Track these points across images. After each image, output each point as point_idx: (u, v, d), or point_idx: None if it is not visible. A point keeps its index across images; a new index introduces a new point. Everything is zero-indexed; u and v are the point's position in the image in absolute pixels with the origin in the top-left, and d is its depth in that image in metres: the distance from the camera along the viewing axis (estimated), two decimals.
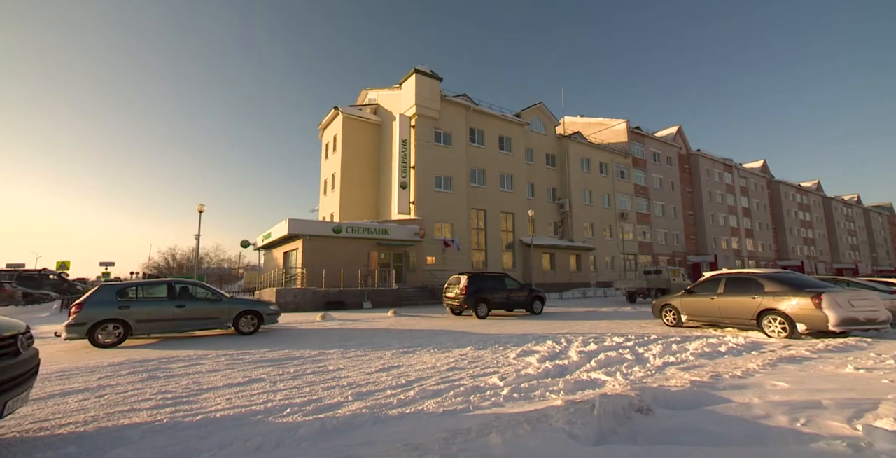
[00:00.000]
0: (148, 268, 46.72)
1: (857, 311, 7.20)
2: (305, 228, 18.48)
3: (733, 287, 8.61)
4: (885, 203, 74.38)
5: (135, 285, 8.27)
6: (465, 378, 4.85)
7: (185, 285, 8.75)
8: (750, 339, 7.40)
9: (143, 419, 3.52)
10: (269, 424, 3.36)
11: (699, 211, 41.85)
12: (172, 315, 8.12)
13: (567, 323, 10.73)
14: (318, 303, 16.43)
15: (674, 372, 4.97)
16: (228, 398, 4.13)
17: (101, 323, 7.44)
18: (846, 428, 2.72)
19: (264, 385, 4.64)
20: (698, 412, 3.17)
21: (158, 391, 4.39)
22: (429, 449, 2.55)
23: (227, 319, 8.68)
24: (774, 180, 53.26)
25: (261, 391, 4.41)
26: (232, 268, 51.55)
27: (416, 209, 22.22)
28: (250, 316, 8.98)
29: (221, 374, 5.22)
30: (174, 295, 8.37)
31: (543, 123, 31.15)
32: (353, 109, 27.55)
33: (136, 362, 5.92)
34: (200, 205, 16.53)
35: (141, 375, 5.17)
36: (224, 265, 52.36)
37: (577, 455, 2.36)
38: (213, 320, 8.58)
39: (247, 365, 5.75)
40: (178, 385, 4.66)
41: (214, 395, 4.27)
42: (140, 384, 4.72)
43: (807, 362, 5.44)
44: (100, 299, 7.66)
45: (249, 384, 4.70)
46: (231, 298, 9.07)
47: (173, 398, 4.13)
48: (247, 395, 4.25)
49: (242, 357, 6.31)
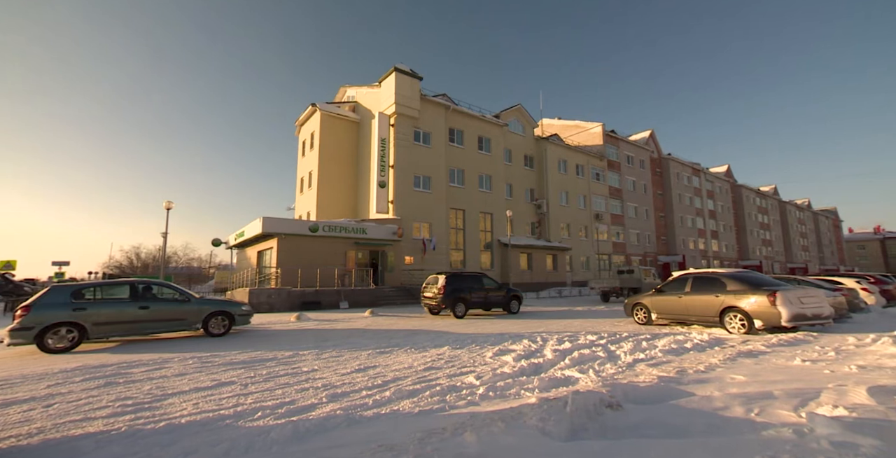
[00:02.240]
0: (109, 268, 44.28)
1: (806, 307, 7.73)
2: (280, 226, 18.04)
3: (699, 286, 9.00)
4: (831, 207, 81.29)
5: (92, 286, 7.84)
6: (441, 378, 4.87)
7: (149, 285, 8.38)
8: (713, 335, 7.77)
9: (97, 428, 3.29)
10: (238, 428, 3.26)
11: (669, 213, 43.50)
12: (135, 317, 7.74)
13: (543, 322, 10.93)
14: (293, 303, 16.07)
15: (643, 368, 5.16)
16: (195, 403, 3.97)
17: (53, 327, 6.99)
18: (793, 416, 2.95)
19: (234, 388, 4.50)
20: (664, 406, 3.30)
21: (117, 398, 4.15)
22: (403, 450, 2.55)
23: (195, 320, 8.39)
24: (737, 184, 55.98)
25: (230, 394, 4.27)
26: (202, 267, 49.74)
27: (394, 209, 22.08)
28: (221, 317, 8.70)
29: (188, 378, 5.02)
30: (137, 296, 7.98)
31: (522, 124, 31.58)
32: (331, 107, 27.07)
33: (92, 368, 5.56)
34: (168, 202, 15.68)
35: (97, 381, 4.86)
36: (194, 265, 50.50)
37: (549, 451, 2.41)
38: (181, 322, 8.27)
39: (216, 368, 5.56)
40: (140, 391, 4.43)
41: (180, 400, 4.09)
42: (96, 391, 4.43)
43: (762, 355, 5.82)
44: (51, 301, 7.20)
45: (218, 388, 4.54)
46: (200, 298, 8.76)
47: (133, 405, 3.92)
48: (215, 399, 4.11)
49: (212, 360, 6.10)
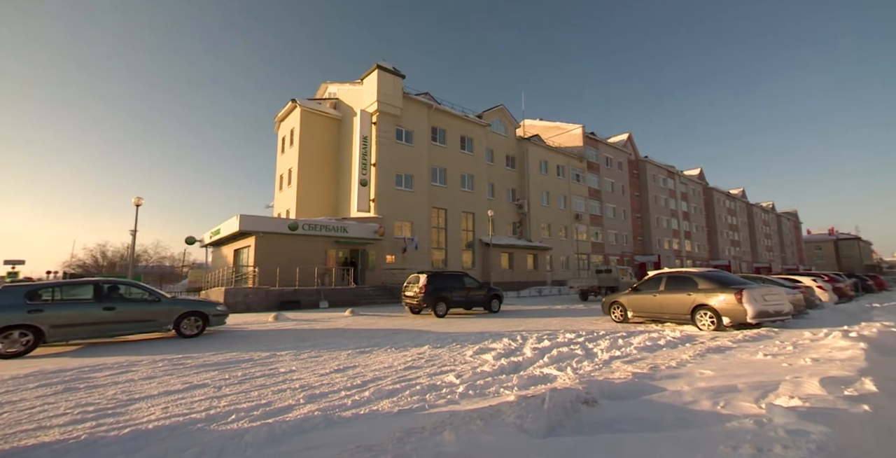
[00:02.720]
0: (71, 267, 41.87)
1: (769, 305, 8.15)
2: (258, 224, 17.60)
3: (672, 285, 9.31)
4: (792, 210, 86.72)
5: (51, 286, 7.43)
6: (421, 377, 4.86)
7: (115, 284, 8.02)
8: (685, 332, 8.05)
9: (53, 437, 3.09)
10: (210, 432, 3.16)
11: (646, 214, 44.78)
12: (99, 319, 7.37)
13: (523, 321, 11.06)
14: (270, 303, 15.70)
15: (619, 365, 5.29)
16: (164, 407, 3.82)
17: (4, 330, 6.58)
18: (754, 407, 3.12)
19: (207, 391, 4.36)
20: (638, 402, 3.40)
21: (77, 405, 3.92)
22: (382, 450, 2.53)
23: (166, 321, 8.08)
24: (709, 187, 58.16)
25: (203, 397, 4.14)
26: (175, 266, 47.98)
27: (376, 207, 21.89)
28: (194, 318, 8.42)
29: (157, 381, 4.83)
30: (102, 296, 7.59)
31: (504, 124, 31.82)
32: (311, 103, 26.57)
33: (49, 374, 5.23)
34: (137, 198, 14.98)
35: (54, 387, 4.57)
36: (165, 263, 48.62)
37: (527, 448, 2.45)
38: (151, 323, 7.95)
39: (188, 370, 5.38)
40: (103, 396, 4.21)
41: (148, 404, 3.93)
42: (53, 398, 4.16)
43: (728, 351, 6.09)
44: (2, 302, 6.77)
45: (190, 391, 4.39)
46: (172, 298, 8.46)
47: (95, 411, 3.71)
48: (186, 402, 3.97)
49: (183, 362, 5.89)
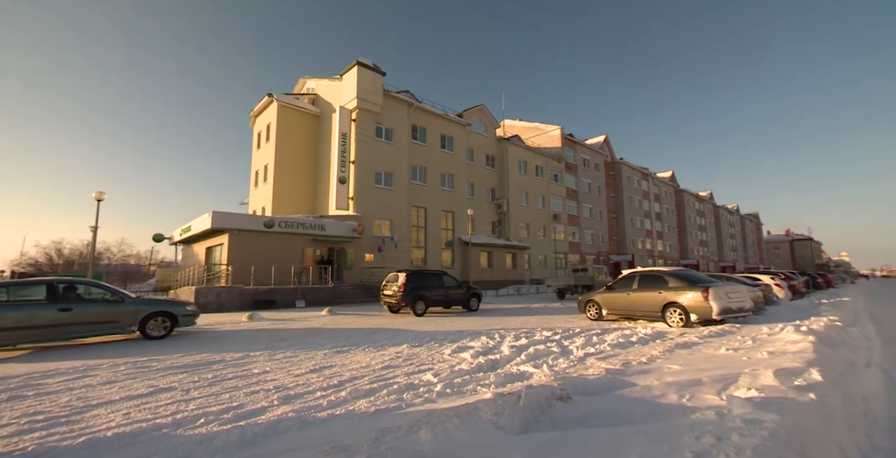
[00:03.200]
0: (21, 266, 39.04)
1: (732, 302, 8.60)
2: (232, 221, 17.06)
3: (645, 284, 9.63)
4: (754, 212, 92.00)
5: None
6: (399, 376, 4.84)
7: (72, 284, 7.55)
8: (656, 329, 8.35)
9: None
10: (176, 437, 3.04)
11: (621, 214, 46.08)
12: (53, 321, 6.90)
13: (502, 319, 11.18)
14: (245, 302, 15.26)
15: (593, 362, 5.43)
16: (126, 413, 3.63)
17: None
18: (716, 399, 3.28)
19: (174, 395, 4.19)
20: (610, 397, 3.50)
21: (23, 414, 3.63)
22: (357, 450, 2.50)
23: (130, 322, 7.70)
24: (680, 189, 60.43)
25: (169, 401, 3.97)
26: (142, 265, 45.87)
27: (354, 205, 21.60)
28: (161, 318, 8.07)
29: (119, 385, 4.58)
30: (57, 297, 7.11)
31: (485, 124, 32.01)
32: (289, 98, 25.94)
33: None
34: (99, 193, 13.96)
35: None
36: (131, 262, 46.31)
37: (502, 444, 2.47)
38: (113, 325, 7.55)
39: (154, 373, 5.15)
40: (55, 404, 3.92)
41: (107, 411, 3.70)
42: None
43: (695, 346, 6.36)
44: None
45: (155, 395, 4.20)
46: (137, 298, 8.11)
47: (45, 420, 3.45)
48: (151, 407, 3.79)
49: (149, 365, 5.63)
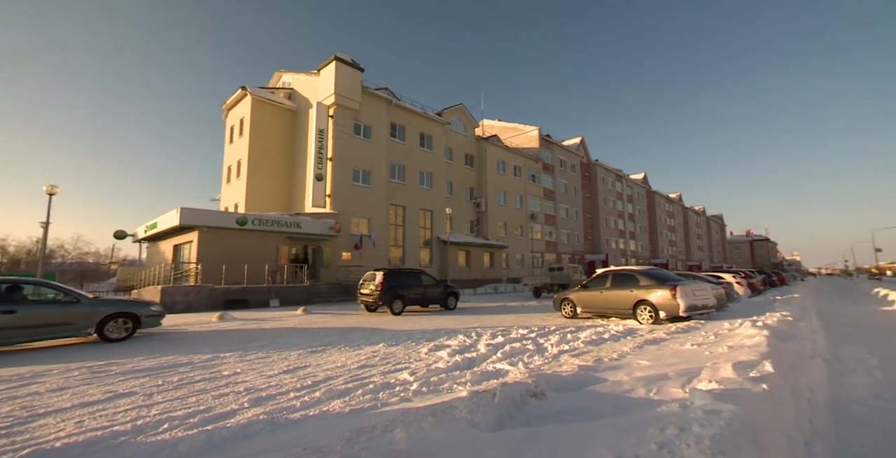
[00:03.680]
0: None
1: (698, 299, 9.02)
2: (202, 218, 16.42)
3: (617, 282, 9.93)
4: (718, 213, 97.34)
5: None
6: (375, 376, 4.80)
7: (17, 284, 7.03)
8: (627, 326, 8.63)
9: None
10: (135, 445, 2.88)
11: (595, 215, 47.31)
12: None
13: (479, 318, 11.27)
14: (215, 302, 14.73)
15: (566, 359, 5.55)
16: (79, 421, 3.39)
17: None
18: (681, 392, 3.43)
19: (135, 400, 3.98)
20: (582, 393, 3.58)
21: None
22: (331, 451, 2.46)
23: (86, 324, 7.26)
24: (652, 191, 62.64)
25: (129, 406, 3.77)
26: (101, 264, 43.38)
27: (332, 203, 21.24)
28: (122, 319, 7.66)
29: (71, 392, 4.27)
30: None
31: (464, 123, 32.12)
32: (264, 92, 25.17)
33: None
34: (51, 186, 12.89)
35: None
36: (88, 260, 43.68)
37: (477, 441, 2.49)
38: (66, 327, 7.09)
39: (112, 378, 4.88)
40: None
41: (56, 420, 3.44)
42: None
43: (663, 342, 6.61)
44: None
45: (113, 401, 3.96)
46: (94, 298, 7.66)
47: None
48: (108, 414, 3.57)
49: (107, 369, 5.34)
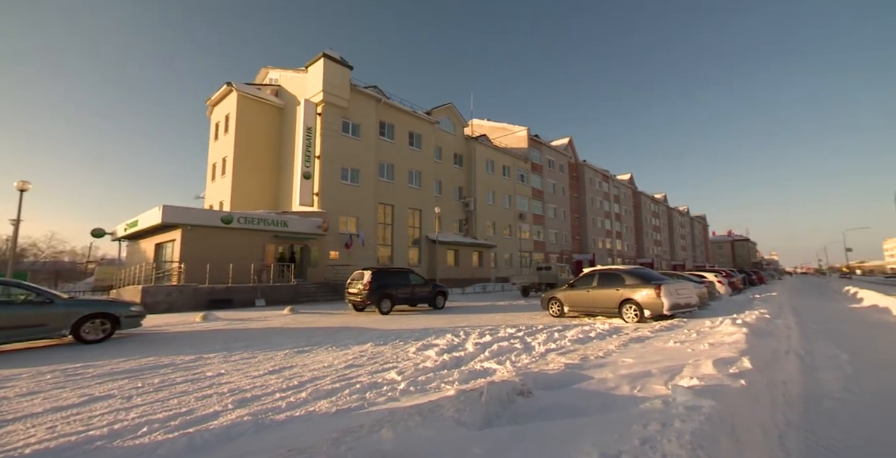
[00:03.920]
0: None
1: (681, 298, 9.23)
2: (185, 216, 16.05)
3: (604, 281, 10.07)
4: (701, 214, 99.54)
5: None
6: (362, 375, 4.77)
7: None
8: (613, 325, 8.76)
9: None
10: (111, 450, 2.79)
11: (583, 215, 47.87)
12: None
13: (467, 317, 11.29)
14: (199, 302, 14.42)
15: (553, 357, 5.60)
16: (51, 427, 3.25)
17: None
18: (663, 389, 3.50)
19: (113, 403, 3.85)
20: (568, 391, 3.62)
21: None
22: (317, 451, 2.43)
23: (61, 325, 7.02)
24: (637, 191, 63.70)
25: (106, 410, 3.64)
26: (77, 263, 42.05)
27: (319, 201, 21.01)
28: (100, 320, 7.44)
29: (43, 396, 4.10)
30: None
31: (453, 123, 32.12)
32: (250, 88, 24.74)
33: None
34: (22, 182, 12.39)
35: None
36: (64, 259, 42.28)
37: (463, 440, 2.49)
38: (38, 329, 6.85)
39: (88, 381, 4.71)
40: None
41: (26, 426, 3.30)
42: None
43: (647, 340, 6.74)
44: None
45: (89, 405, 3.82)
46: (69, 299, 7.43)
47: None
48: (83, 418, 3.44)
49: (83, 372, 5.15)
